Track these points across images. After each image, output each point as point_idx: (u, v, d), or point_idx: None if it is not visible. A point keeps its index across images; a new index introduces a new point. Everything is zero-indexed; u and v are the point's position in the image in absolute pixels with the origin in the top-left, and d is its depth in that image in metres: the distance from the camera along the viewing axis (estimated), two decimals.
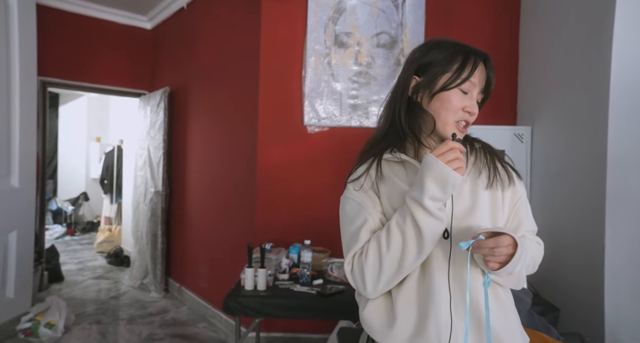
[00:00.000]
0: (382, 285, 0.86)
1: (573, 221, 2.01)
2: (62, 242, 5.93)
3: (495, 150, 0.96)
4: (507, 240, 0.78)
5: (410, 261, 0.83)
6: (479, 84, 0.90)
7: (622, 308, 1.77)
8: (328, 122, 2.68)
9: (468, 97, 0.89)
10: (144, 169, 3.93)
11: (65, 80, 3.85)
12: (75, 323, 3.12)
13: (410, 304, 0.87)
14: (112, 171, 6.05)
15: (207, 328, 3.11)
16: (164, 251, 3.76)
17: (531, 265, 0.91)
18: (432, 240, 0.82)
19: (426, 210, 0.80)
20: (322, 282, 2.06)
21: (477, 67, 0.89)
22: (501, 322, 0.87)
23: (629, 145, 1.75)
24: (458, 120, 0.88)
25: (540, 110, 2.36)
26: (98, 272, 4.52)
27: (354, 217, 0.92)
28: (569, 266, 2.01)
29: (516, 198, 0.93)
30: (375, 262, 0.85)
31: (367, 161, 0.96)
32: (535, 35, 2.46)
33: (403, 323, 0.86)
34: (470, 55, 0.90)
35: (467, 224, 0.86)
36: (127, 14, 4.06)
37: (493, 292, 0.89)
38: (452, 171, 0.77)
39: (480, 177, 0.91)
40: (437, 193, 0.79)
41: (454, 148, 0.79)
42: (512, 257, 0.78)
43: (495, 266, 0.79)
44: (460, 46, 0.92)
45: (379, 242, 0.85)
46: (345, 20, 2.68)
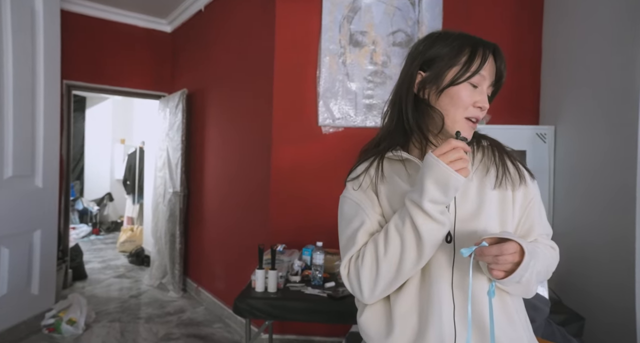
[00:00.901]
0: (379, 291, 0.81)
1: (600, 223, 1.90)
2: (87, 241, 6.10)
3: (504, 148, 0.90)
4: (513, 248, 0.71)
5: (409, 267, 0.78)
6: (489, 77, 0.84)
7: None
8: (343, 122, 2.65)
9: (478, 91, 0.83)
10: (163, 169, 3.99)
11: (89, 83, 3.95)
12: (95, 320, 3.18)
13: (410, 312, 0.82)
14: (134, 172, 6.19)
15: (222, 329, 3.12)
16: (182, 251, 3.80)
17: (544, 272, 0.83)
18: (432, 245, 0.77)
19: (426, 214, 0.75)
20: (334, 284, 2.03)
21: (486, 59, 0.83)
22: (508, 333, 0.80)
23: None
24: (468, 116, 0.83)
25: (564, 109, 2.25)
26: (120, 271, 4.62)
27: (351, 218, 0.88)
28: (596, 271, 1.91)
29: (528, 199, 0.86)
30: (372, 266, 0.80)
31: (369, 159, 0.92)
32: (559, 31, 2.36)
33: (401, 333, 0.81)
34: (478, 47, 0.84)
35: (473, 228, 0.80)
36: (148, 18, 4.14)
37: (500, 301, 0.82)
38: (454, 172, 0.72)
39: (488, 176, 0.85)
40: (437, 196, 0.74)
41: (457, 147, 0.73)
42: (519, 266, 0.72)
43: (500, 275, 0.73)
44: (467, 37, 0.86)
45: (376, 245, 0.81)
46: (360, 19, 2.64)
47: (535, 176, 0.91)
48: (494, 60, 0.85)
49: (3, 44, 2.64)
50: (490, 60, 0.84)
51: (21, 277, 2.87)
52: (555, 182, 2.24)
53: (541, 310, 1.34)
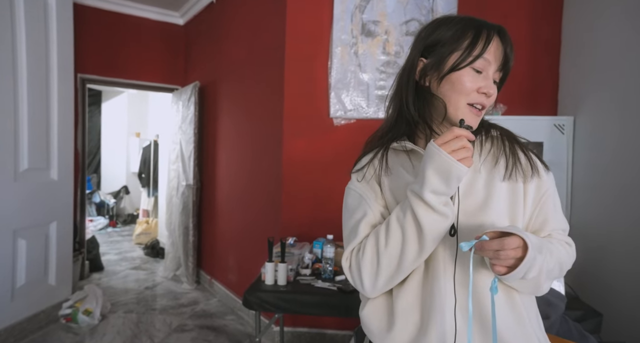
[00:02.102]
0: (381, 284, 0.79)
1: (622, 218, 1.83)
2: (104, 233, 6.22)
3: (516, 137, 0.85)
4: (515, 242, 0.67)
5: (410, 260, 0.76)
6: (495, 61, 0.79)
7: None
8: (354, 113, 2.60)
9: (482, 76, 0.78)
10: (177, 162, 4.02)
11: (103, 76, 3.98)
12: (111, 311, 3.24)
13: (412, 307, 0.79)
14: (149, 165, 6.26)
15: (235, 321, 3.13)
16: (196, 244, 3.83)
17: (557, 269, 0.79)
18: (434, 238, 0.74)
19: (428, 205, 0.72)
20: (344, 278, 2.00)
21: (490, 42, 0.78)
22: (514, 332, 0.76)
23: None
24: (472, 102, 0.78)
25: (584, 99, 2.17)
26: (136, 263, 4.69)
27: (354, 209, 0.86)
28: (615, 266, 1.84)
29: (541, 192, 0.81)
30: (373, 259, 0.78)
31: (373, 151, 0.90)
32: (580, 16, 2.26)
33: (402, 328, 0.79)
34: (482, 29, 0.79)
35: (479, 221, 0.76)
36: (161, 11, 4.15)
37: (508, 298, 0.78)
38: (456, 162, 0.68)
39: (497, 167, 0.80)
40: (439, 187, 0.70)
41: (460, 136, 0.70)
42: (522, 261, 0.67)
43: (502, 270, 0.69)
44: (471, 20, 0.81)
45: (377, 237, 0.78)
46: (372, 8, 2.58)
47: (552, 169, 0.85)
48: (500, 42, 0.80)
49: (17, 38, 2.66)
50: (496, 43, 0.79)
51: (39, 268, 2.93)
52: (573, 175, 2.16)
53: (556, 306, 1.29)
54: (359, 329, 1.53)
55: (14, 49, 2.64)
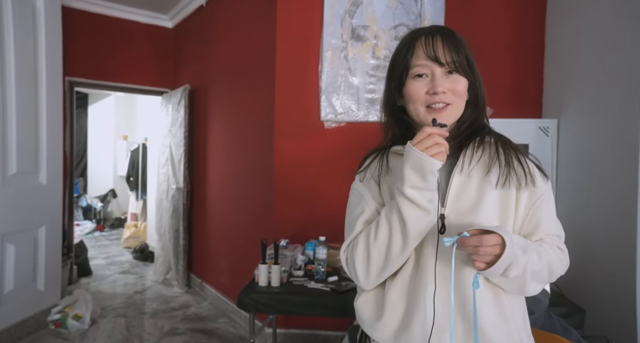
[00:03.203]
0: (373, 276, 0.85)
1: (602, 217, 1.90)
2: (91, 238, 6.15)
3: (513, 145, 0.88)
4: (494, 240, 0.71)
5: (396, 252, 0.81)
6: (435, 61, 0.82)
7: None
8: (345, 117, 2.64)
9: (427, 79, 0.84)
10: (166, 166, 4.01)
11: (91, 79, 3.95)
12: (101, 316, 3.21)
13: (400, 298, 0.85)
14: (137, 168, 6.21)
15: (227, 323, 3.14)
16: (186, 247, 3.82)
17: (545, 271, 0.82)
18: (416, 232, 0.79)
19: (410, 200, 0.77)
20: (337, 278, 2.04)
21: (414, 48, 0.84)
22: (497, 329, 0.80)
23: None
24: (428, 105, 0.84)
25: (567, 102, 2.24)
26: (124, 267, 4.65)
27: (354, 207, 0.92)
28: (597, 265, 1.91)
29: (534, 199, 0.84)
30: (364, 252, 0.84)
31: (374, 153, 0.96)
32: (563, 23, 2.34)
33: (390, 316, 0.85)
34: (414, 39, 0.86)
35: (469, 221, 0.81)
36: (149, 14, 4.14)
37: (493, 296, 0.82)
38: (428, 157, 0.73)
39: (489, 176, 0.83)
40: (416, 181, 0.76)
41: (432, 134, 0.74)
42: (500, 258, 0.72)
43: (481, 266, 0.73)
44: (410, 33, 0.88)
45: (368, 232, 0.84)
46: (362, 13, 2.62)
47: None
48: (440, 41, 0.83)
49: (4, 41, 2.64)
50: (433, 43, 0.83)
51: (27, 273, 2.89)
52: (558, 175, 2.23)
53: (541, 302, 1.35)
54: (353, 327, 1.56)
55: (1, 52, 2.62)
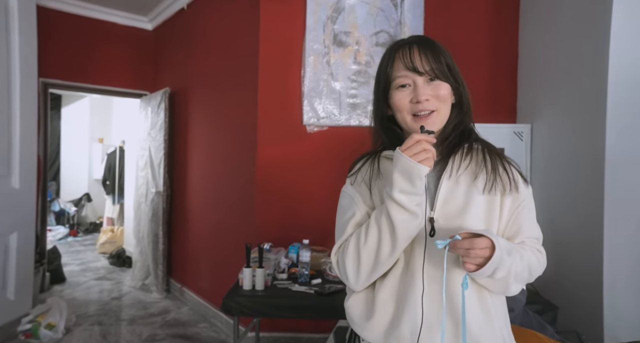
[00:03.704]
0: (363, 277, 0.87)
1: (572, 220, 1.99)
2: (64, 243, 5.96)
3: (498, 152, 0.92)
4: (484, 243, 0.76)
5: (386, 255, 0.83)
6: (415, 70, 0.86)
7: (620, 306, 1.75)
8: (327, 121, 2.68)
9: (410, 89, 0.88)
10: (145, 169, 3.94)
11: (67, 81, 3.86)
12: (76, 324, 3.12)
13: (390, 298, 0.87)
14: (114, 172, 6.07)
15: (208, 328, 3.11)
16: (166, 252, 3.76)
17: (526, 272, 0.86)
18: (405, 235, 0.82)
19: (398, 204, 0.80)
20: (320, 281, 2.06)
21: (394, 58, 0.89)
22: (482, 327, 0.84)
23: (627, 144, 1.74)
24: (414, 113, 0.88)
25: (539, 108, 2.34)
26: (100, 273, 4.53)
27: (345, 210, 0.94)
28: (569, 265, 2.00)
29: (517, 204, 0.88)
30: (355, 254, 0.86)
31: (365, 158, 0.98)
32: (534, 34, 2.45)
33: (380, 316, 0.87)
34: (393, 51, 0.90)
35: (457, 224, 0.84)
36: (128, 15, 4.08)
37: (478, 296, 0.86)
38: (416, 163, 0.77)
39: (476, 182, 0.87)
40: (405, 186, 0.79)
41: (420, 140, 0.78)
42: (489, 260, 0.76)
43: (472, 267, 0.77)
44: (390, 46, 0.93)
45: (358, 235, 0.86)
46: (344, 19, 2.67)
47: None
48: (418, 51, 0.87)
49: None
50: (410, 53, 0.87)
51: None
52: (532, 178, 2.32)
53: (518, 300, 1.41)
54: (338, 329, 1.58)
55: None
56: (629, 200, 1.74)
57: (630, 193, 1.74)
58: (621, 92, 1.75)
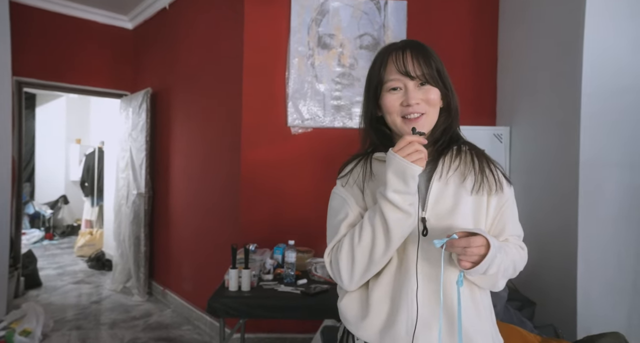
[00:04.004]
0: (357, 277, 0.88)
1: (548, 220, 2.07)
2: (40, 247, 5.79)
3: (485, 154, 0.96)
4: (480, 241, 0.79)
5: (380, 254, 0.85)
6: (407, 74, 0.89)
7: (593, 302, 1.83)
8: (311, 123, 2.69)
9: (401, 92, 0.90)
10: (126, 170, 3.88)
11: (42, 80, 3.76)
12: (54, 329, 3.05)
13: (384, 297, 0.89)
14: (93, 173, 5.94)
15: (191, 330, 3.08)
16: (147, 254, 3.71)
17: (510, 268, 0.90)
18: (398, 234, 0.84)
19: (392, 204, 0.82)
20: (306, 281, 2.07)
21: (387, 61, 0.91)
22: (473, 321, 0.88)
23: (600, 147, 1.82)
24: (403, 116, 0.90)
25: (518, 111, 2.42)
26: (78, 277, 4.43)
27: (337, 211, 0.95)
28: (545, 263, 2.07)
29: (502, 203, 0.92)
30: (349, 254, 0.87)
31: (355, 160, 0.99)
32: (513, 40, 2.53)
33: (375, 315, 0.88)
34: (386, 54, 0.92)
35: (448, 224, 0.87)
36: (108, 14, 4.00)
37: (469, 292, 0.89)
38: (410, 163, 0.79)
39: (465, 183, 0.90)
40: (399, 186, 0.81)
41: (412, 142, 0.81)
42: (484, 258, 0.79)
43: (467, 265, 0.80)
44: (383, 49, 0.95)
45: (352, 235, 0.88)
46: (328, 21, 2.70)
47: None
48: (410, 55, 0.89)
49: None
50: (404, 57, 0.89)
51: None
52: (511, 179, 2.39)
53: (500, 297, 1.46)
54: (325, 328, 1.60)
55: None
56: (602, 201, 1.82)
57: (603, 195, 1.82)
58: (594, 98, 1.83)
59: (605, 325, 1.72)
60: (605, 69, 1.82)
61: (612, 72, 1.82)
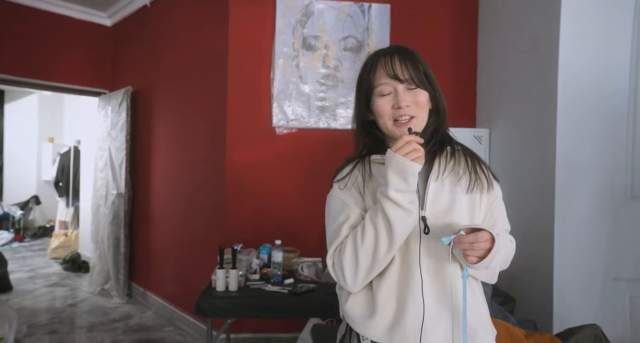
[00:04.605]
0: (361, 278, 0.90)
1: (526, 218, 2.15)
2: (9, 249, 5.59)
3: (476, 155, 1.00)
4: (486, 236, 0.83)
5: (383, 253, 0.87)
6: (396, 78, 0.92)
7: (568, 297, 1.92)
8: (296, 123, 2.71)
9: (391, 96, 0.94)
10: (105, 170, 3.79)
11: (14, 76, 3.64)
12: (27, 334, 2.95)
13: (391, 296, 0.91)
14: (68, 173, 5.77)
15: (173, 332, 3.05)
16: (127, 255, 3.64)
17: (504, 261, 0.96)
18: (401, 231, 0.86)
19: (393, 202, 0.84)
20: (293, 281, 2.09)
21: (375, 69, 0.95)
22: (475, 313, 0.92)
23: (576, 148, 1.90)
24: (396, 119, 0.94)
25: (497, 113, 2.51)
26: (52, 280, 4.30)
27: (337, 214, 0.96)
28: (524, 261, 2.15)
29: (492, 200, 0.97)
30: (352, 255, 0.89)
31: (352, 163, 1.01)
32: (492, 43, 2.62)
33: (383, 314, 0.90)
34: (375, 60, 0.96)
35: (447, 221, 0.91)
36: (85, 10, 3.90)
37: (470, 286, 0.93)
38: (409, 161, 0.82)
39: (460, 183, 0.94)
40: (400, 185, 0.84)
41: (410, 141, 0.84)
42: (490, 252, 0.83)
43: (474, 260, 0.84)
44: (372, 54, 0.99)
45: (355, 236, 0.90)
46: (313, 23, 2.72)
47: None
48: (399, 60, 0.93)
49: None
50: (391, 62, 0.93)
51: None
52: None
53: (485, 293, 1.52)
54: (315, 327, 1.63)
55: None
56: (576, 201, 1.91)
57: (577, 194, 1.91)
58: (571, 101, 1.92)
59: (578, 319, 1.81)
60: (581, 74, 1.91)
61: (588, 77, 1.90)
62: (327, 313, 2.01)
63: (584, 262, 1.91)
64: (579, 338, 1.44)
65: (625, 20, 1.89)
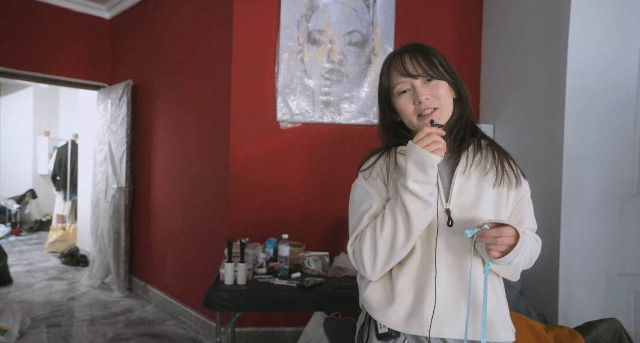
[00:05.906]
0: (379, 267, 0.92)
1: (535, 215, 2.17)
2: (6, 243, 5.54)
3: (504, 150, 1.00)
4: (510, 232, 0.84)
5: (401, 243, 0.89)
6: (409, 75, 0.94)
7: (573, 292, 1.95)
8: (301, 118, 2.71)
9: (411, 93, 0.95)
10: (105, 164, 3.77)
11: (12, 69, 3.59)
12: (31, 327, 2.95)
13: (410, 286, 0.93)
14: (65, 167, 5.72)
15: (176, 326, 3.05)
16: (128, 249, 3.63)
17: (528, 259, 0.96)
18: (419, 223, 0.87)
19: (412, 194, 0.86)
20: (300, 275, 2.10)
21: (390, 68, 0.97)
22: (495, 308, 0.93)
23: (583, 144, 1.92)
24: (420, 114, 0.95)
25: (501, 109, 2.53)
26: (51, 274, 4.28)
27: (360, 203, 0.98)
28: None
29: (520, 197, 0.98)
30: (372, 244, 0.91)
31: (378, 153, 1.03)
32: (497, 39, 2.63)
33: (401, 303, 0.92)
34: (388, 62, 0.99)
35: (472, 215, 0.92)
36: (84, 2, 3.85)
37: (491, 281, 0.95)
38: (429, 153, 0.83)
39: (487, 177, 0.95)
40: (419, 176, 0.85)
41: (430, 133, 0.85)
42: (514, 248, 0.84)
43: (497, 255, 0.85)
44: (386, 59, 1.01)
45: (374, 226, 0.91)
46: (318, 18, 2.71)
47: None
48: (411, 58, 0.94)
49: None
50: (404, 61, 0.95)
51: None
52: None
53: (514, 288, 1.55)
54: (327, 320, 1.64)
55: None
56: (584, 198, 1.93)
57: (585, 192, 1.92)
58: (578, 97, 1.92)
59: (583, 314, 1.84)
60: (590, 69, 1.91)
61: (596, 73, 1.91)
62: (335, 307, 2.03)
63: (589, 257, 1.93)
64: (599, 332, 1.47)
65: (634, 16, 1.90)
